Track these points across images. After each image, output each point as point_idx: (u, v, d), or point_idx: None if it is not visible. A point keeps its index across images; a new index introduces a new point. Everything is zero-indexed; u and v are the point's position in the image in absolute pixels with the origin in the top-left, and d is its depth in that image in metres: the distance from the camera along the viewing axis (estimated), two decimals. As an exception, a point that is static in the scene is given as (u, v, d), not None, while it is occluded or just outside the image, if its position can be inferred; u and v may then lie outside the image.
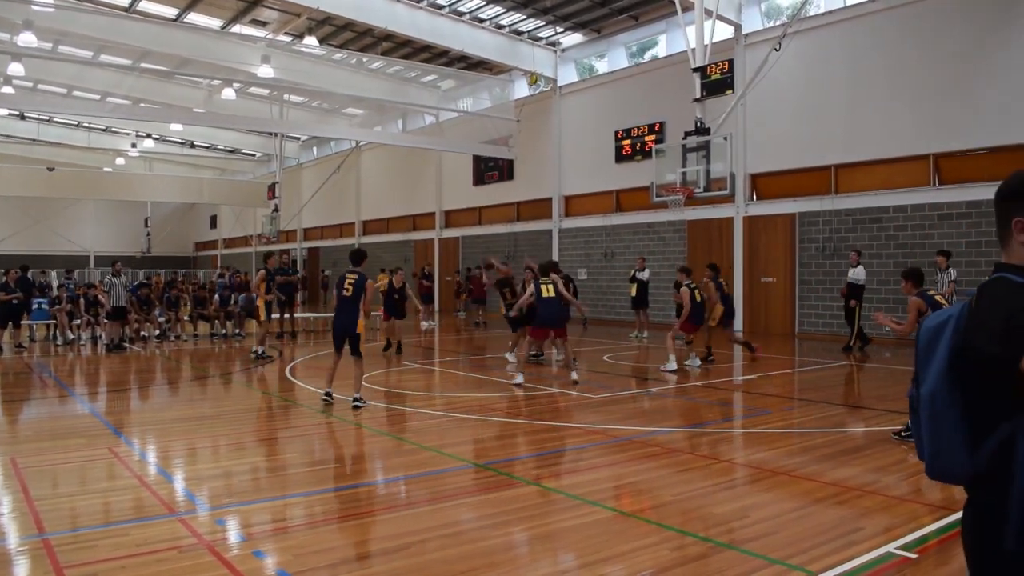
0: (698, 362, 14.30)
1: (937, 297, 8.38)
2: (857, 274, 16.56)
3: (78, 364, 15.81)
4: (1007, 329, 1.92)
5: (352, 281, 10.24)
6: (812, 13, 19.61)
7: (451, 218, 33.64)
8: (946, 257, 14.68)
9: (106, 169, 43.86)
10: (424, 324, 24.83)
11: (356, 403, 10.04)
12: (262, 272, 16.88)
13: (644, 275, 20.52)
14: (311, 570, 4.56)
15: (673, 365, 13.41)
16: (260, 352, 15.78)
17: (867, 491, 6.17)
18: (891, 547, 4.88)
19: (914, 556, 4.75)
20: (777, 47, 17.08)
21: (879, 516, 5.56)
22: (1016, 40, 16.16)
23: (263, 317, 16.76)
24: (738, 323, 21.30)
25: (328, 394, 10.39)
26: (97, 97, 31.62)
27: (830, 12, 19.57)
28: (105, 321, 18.72)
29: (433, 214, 34.34)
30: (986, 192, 16.26)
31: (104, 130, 41.38)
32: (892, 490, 6.20)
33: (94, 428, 9.09)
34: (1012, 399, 1.94)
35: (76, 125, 40.40)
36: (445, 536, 5.16)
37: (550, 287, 12.36)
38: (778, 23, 20.76)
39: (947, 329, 2.11)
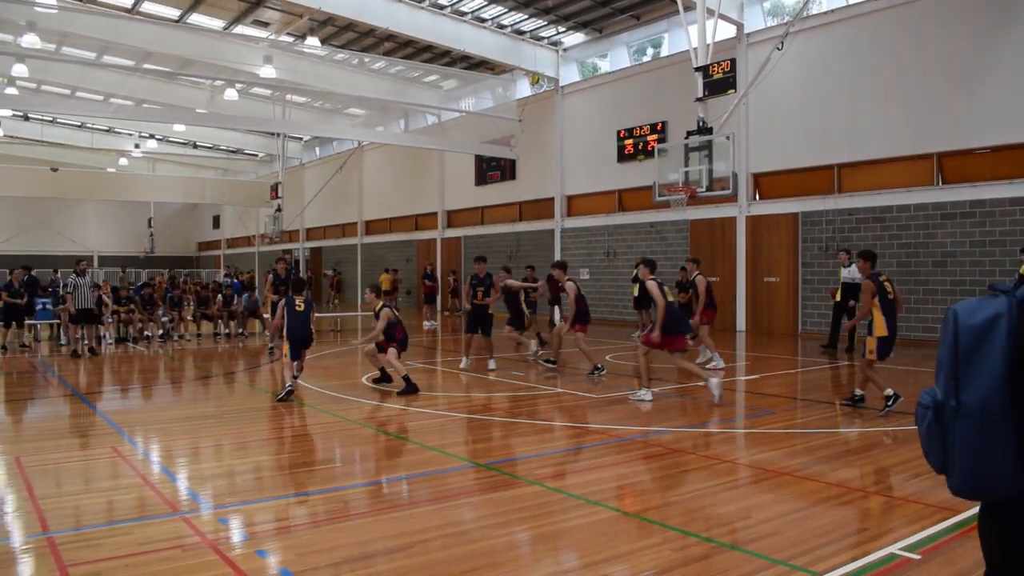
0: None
1: (885, 283, 9.01)
2: (852, 273, 16.45)
3: (81, 363, 15.82)
4: None
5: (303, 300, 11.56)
6: (814, 12, 19.59)
7: (453, 218, 33.64)
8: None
9: (109, 169, 43.89)
10: (426, 324, 24.85)
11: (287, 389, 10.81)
12: (269, 275, 16.57)
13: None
14: (313, 569, 4.56)
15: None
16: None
17: (870, 492, 6.17)
18: (895, 548, 4.87)
19: (918, 557, 4.74)
20: (779, 46, 17.06)
21: (883, 517, 5.56)
22: (1017, 39, 16.12)
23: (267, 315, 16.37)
24: (740, 322, 21.34)
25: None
26: (100, 98, 31.67)
27: (832, 11, 19.55)
28: (72, 324, 17.23)
29: (435, 214, 34.35)
30: (989, 191, 16.25)
31: (107, 131, 41.45)
32: (896, 491, 6.20)
33: (97, 427, 9.11)
34: None
35: (79, 126, 40.47)
36: (448, 536, 5.16)
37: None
38: (780, 22, 20.75)
39: (998, 329, 1.86)
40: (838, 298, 16.59)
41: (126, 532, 5.22)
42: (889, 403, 9.49)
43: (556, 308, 18.95)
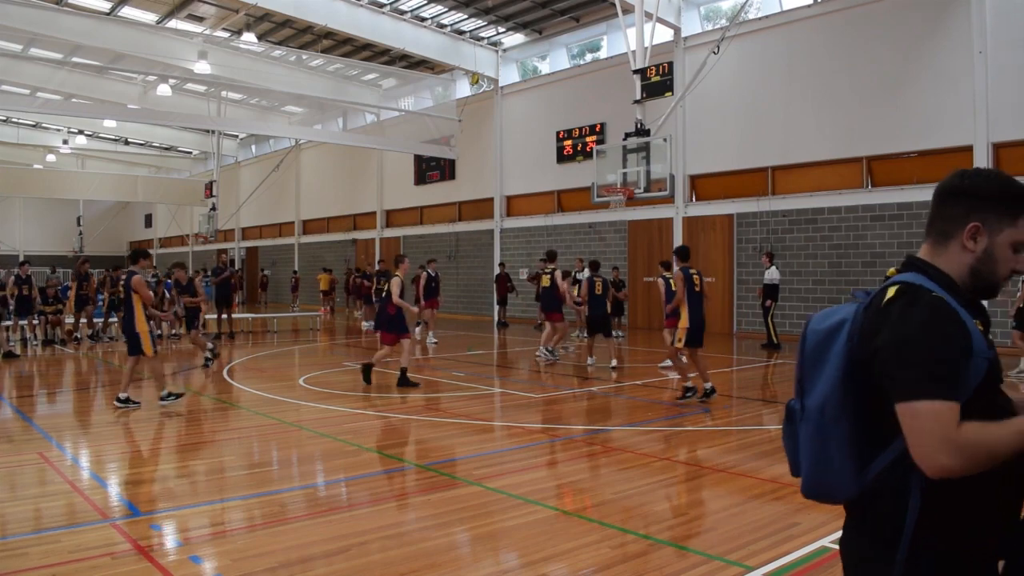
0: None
1: (694, 276, 10.77)
2: (772, 275, 17.19)
3: (8, 366, 15.31)
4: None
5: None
6: (750, 17, 19.96)
7: (392, 217, 33.45)
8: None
9: (36, 166, 42.51)
10: (365, 324, 24.62)
11: (122, 404, 10.15)
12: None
13: (584, 275, 20.64)
14: (250, 574, 4.50)
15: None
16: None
17: (802, 487, 6.29)
18: (826, 541, 4.99)
19: (847, 549, 4.85)
20: (716, 50, 17.35)
21: (815, 511, 5.68)
22: (945, 47, 16.67)
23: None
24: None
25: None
26: (27, 92, 30.61)
27: (767, 17, 19.94)
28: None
29: (374, 213, 34.10)
30: (915, 194, 16.75)
31: (34, 126, 40.13)
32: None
33: (23, 432, 8.83)
34: None
35: (4, 120, 39.04)
36: (387, 538, 5.14)
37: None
38: (717, 27, 21.09)
39: (840, 334, 1.89)
40: (761, 297, 17.45)
41: (54, 540, 5.08)
42: (688, 395, 10.37)
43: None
